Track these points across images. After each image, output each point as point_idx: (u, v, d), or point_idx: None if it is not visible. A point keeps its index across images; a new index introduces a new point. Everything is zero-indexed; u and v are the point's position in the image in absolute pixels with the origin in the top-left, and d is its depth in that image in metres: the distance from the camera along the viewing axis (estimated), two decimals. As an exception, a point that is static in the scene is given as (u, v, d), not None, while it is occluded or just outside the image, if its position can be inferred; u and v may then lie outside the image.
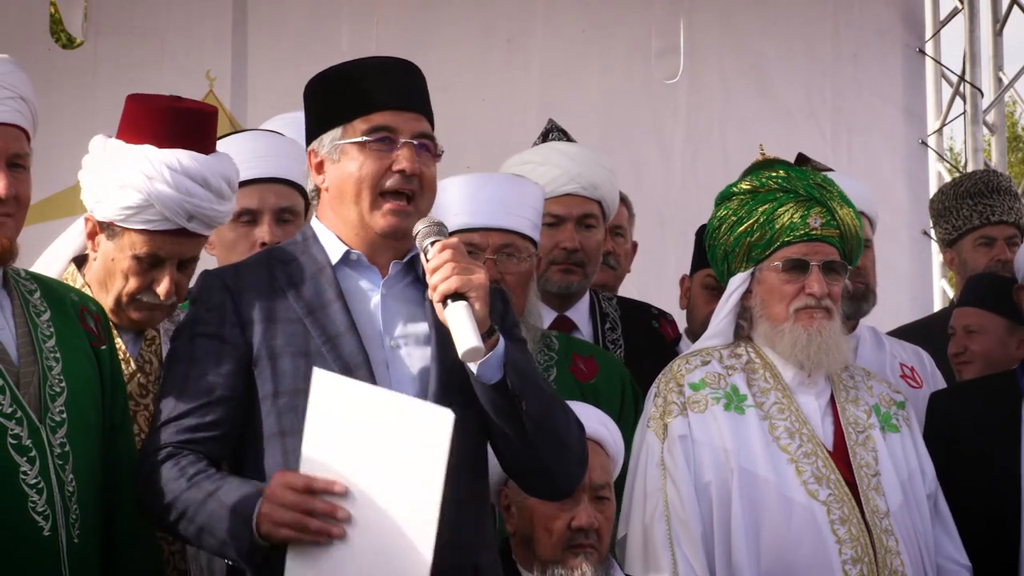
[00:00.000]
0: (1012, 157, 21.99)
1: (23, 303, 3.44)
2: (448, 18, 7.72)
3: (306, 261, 3.48)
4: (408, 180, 3.43)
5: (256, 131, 4.68)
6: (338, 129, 3.47)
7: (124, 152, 3.72)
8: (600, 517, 4.02)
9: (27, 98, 3.42)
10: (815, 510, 4.14)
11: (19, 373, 3.34)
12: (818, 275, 4.25)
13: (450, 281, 3.26)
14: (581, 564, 3.96)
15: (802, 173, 4.38)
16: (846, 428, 4.27)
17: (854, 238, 4.33)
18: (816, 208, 4.28)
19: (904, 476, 4.29)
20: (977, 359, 5.47)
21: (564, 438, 3.45)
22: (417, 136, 3.46)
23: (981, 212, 6.22)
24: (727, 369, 4.31)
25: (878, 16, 8.33)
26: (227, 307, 3.42)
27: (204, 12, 7.37)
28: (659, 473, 4.23)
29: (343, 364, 3.34)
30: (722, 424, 4.23)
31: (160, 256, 3.73)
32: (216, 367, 3.39)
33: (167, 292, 3.75)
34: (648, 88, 8.02)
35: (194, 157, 3.73)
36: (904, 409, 4.41)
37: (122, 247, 3.73)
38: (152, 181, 3.67)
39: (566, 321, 5.11)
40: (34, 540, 3.24)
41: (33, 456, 3.27)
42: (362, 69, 3.53)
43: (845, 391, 4.35)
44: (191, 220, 3.71)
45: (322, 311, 3.40)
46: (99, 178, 3.74)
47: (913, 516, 4.26)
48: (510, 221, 4.58)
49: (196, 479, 3.28)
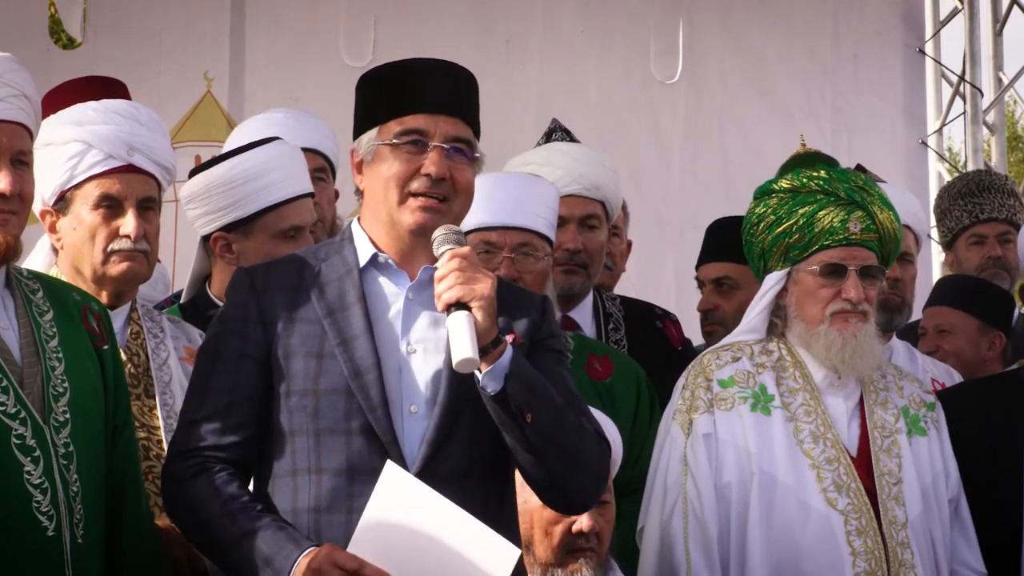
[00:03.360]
0: (1012, 157, 21.99)
1: (26, 303, 3.44)
2: (447, 19, 7.71)
3: (337, 262, 3.47)
4: (435, 184, 3.41)
5: (273, 143, 4.64)
6: (375, 130, 3.46)
7: (50, 121, 3.82)
8: (601, 520, 4.01)
9: (30, 96, 3.44)
10: (832, 519, 4.12)
11: (23, 373, 3.34)
12: (855, 280, 4.23)
13: (453, 290, 3.25)
14: (581, 568, 3.95)
15: (843, 174, 4.33)
16: (872, 432, 4.25)
17: (892, 240, 4.29)
18: (857, 212, 4.25)
19: (927, 481, 4.27)
20: (948, 358, 5.47)
21: (576, 453, 3.40)
22: (450, 140, 3.44)
23: (971, 211, 6.24)
24: (757, 367, 4.28)
25: (878, 16, 8.32)
26: (251, 305, 3.42)
27: (202, 12, 7.37)
28: (681, 468, 4.21)
29: (353, 367, 3.33)
30: (747, 425, 4.20)
31: (116, 197, 3.79)
32: (238, 365, 3.39)
33: (136, 229, 3.80)
34: (647, 88, 8.02)
35: (116, 100, 3.89)
36: (934, 411, 4.39)
37: (78, 210, 3.80)
38: (83, 126, 3.79)
39: (569, 322, 5.10)
40: (38, 540, 3.24)
41: (37, 456, 3.27)
42: (405, 70, 3.50)
43: (875, 392, 4.32)
44: (133, 153, 3.78)
45: (342, 313, 3.39)
46: (38, 161, 3.72)
47: (932, 524, 4.23)
48: (527, 220, 4.59)
49: (231, 507, 3.28)
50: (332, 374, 3.34)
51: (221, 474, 3.32)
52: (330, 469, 3.29)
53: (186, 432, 3.40)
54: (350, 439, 3.31)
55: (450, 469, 3.33)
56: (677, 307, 5.85)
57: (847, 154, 7.88)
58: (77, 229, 3.79)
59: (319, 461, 3.31)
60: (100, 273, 3.81)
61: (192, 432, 3.38)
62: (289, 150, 4.56)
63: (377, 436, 3.30)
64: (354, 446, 3.30)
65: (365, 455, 3.29)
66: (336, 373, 3.34)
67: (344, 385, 3.33)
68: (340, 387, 3.33)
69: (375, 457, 3.28)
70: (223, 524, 3.27)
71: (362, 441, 3.30)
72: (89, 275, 3.81)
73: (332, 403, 3.32)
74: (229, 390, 3.37)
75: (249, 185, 4.31)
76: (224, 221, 4.40)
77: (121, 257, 3.81)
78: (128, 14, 7.23)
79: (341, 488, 3.29)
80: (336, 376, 3.33)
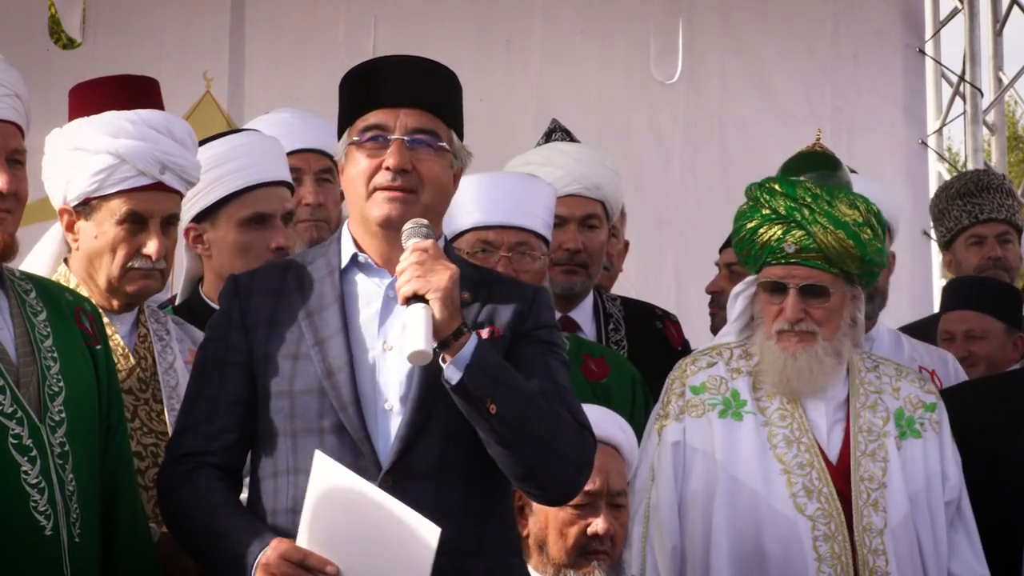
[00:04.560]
0: (1012, 157, 21.97)
1: (20, 303, 3.43)
2: (447, 19, 7.71)
3: (321, 264, 3.48)
4: (396, 176, 3.39)
5: (243, 132, 4.66)
6: (346, 132, 3.48)
7: (83, 124, 3.76)
8: (615, 524, 3.99)
9: (21, 95, 3.43)
10: (799, 524, 4.10)
11: (19, 372, 3.33)
12: (794, 299, 4.17)
13: (410, 283, 3.24)
14: (594, 570, 3.95)
15: (792, 188, 4.22)
16: (855, 437, 4.22)
17: (846, 257, 4.16)
18: (795, 232, 4.17)
19: (919, 485, 4.22)
20: (982, 362, 5.46)
21: (550, 442, 3.34)
22: (410, 132, 3.42)
23: (970, 211, 6.23)
24: (732, 372, 4.27)
25: (878, 16, 8.31)
26: (234, 311, 3.46)
27: (202, 13, 7.37)
28: (648, 475, 4.23)
29: (326, 367, 3.35)
30: (716, 431, 4.20)
31: (142, 214, 3.75)
32: (222, 371, 3.43)
33: (157, 250, 3.77)
34: (647, 88, 8.01)
35: (153, 112, 3.80)
36: (934, 411, 4.32)
37: (102, 220, 3.75)
38: (118, 138, 3.72)
39: (569, 322, 5.10)
40: (36, 540, 3.24)
41: (34, 456, 3.27)
42: (371, 69, 3.52)
43: (864, 395, 4.29)
44: (164, 172, 3.74)
45: (319, 314, 3.41)
46: (65, 160, 3.75)
47: (921, 529, 4.19)
48: (524, 219, 4.59)
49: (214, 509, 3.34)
50: (306, 375, 3.35)
51: (206, 479, 3.37)
52: (305, 469, 3.28)
53: (176, 439, 3.47)
54: (323, 438, 3.32)
55: (425, 467, 3.32)
56: (677, 307, 5.85)
57: (847, 154, 7.86)
58: (99, 238, 3.75)
59: (296, 462, 3.34)
60: (115, 286, 3.79)
61: (181, 439, 3.44)
62: (259, 139, 4.52)
63: (349, 434, 3.31)
64: (327, 445, 3.30)
65: (337, 453, 3.27)
66: (311, 374, 3.35)
67: (318, 385, 3.34)
68: (314, 387, 3.34)
69: (347, 455, 3.28)
70: (206, 525, 3.33)
71: (334, 439, 3.31)
72: (103, 284, 3.79)
73: (306, 403, 3.34)
74: (214, 396, 3.42)
75: (211, 173, 4.25)
76: (193, 211, 4.37)
77: (139, 275, 3.79)
78: (128, 14, 7.23)
79: None
80: (310, 376, 3.35)
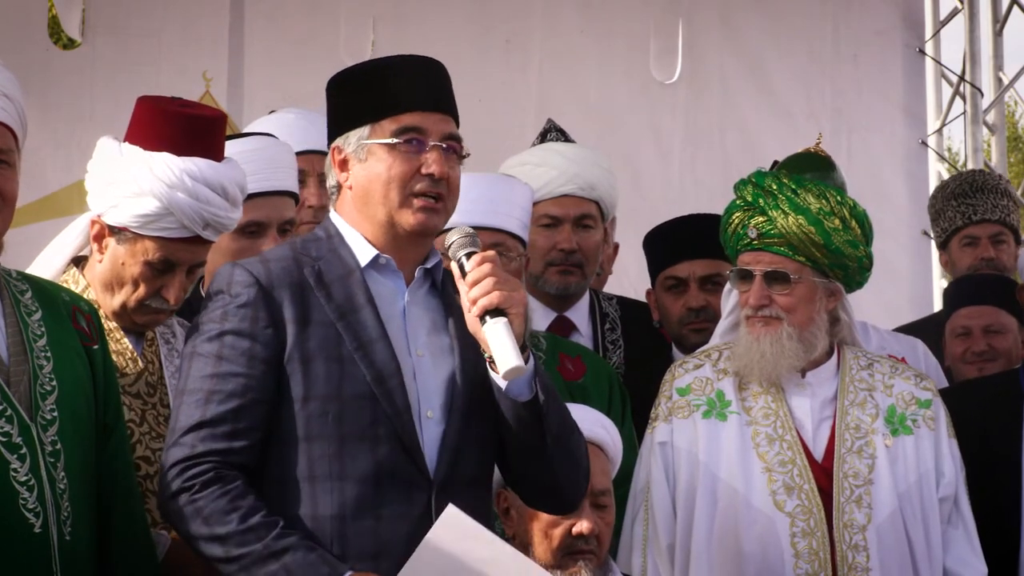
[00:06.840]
0: (1012, 157, 21.98)
1: (14, 303, 3.43)
2: (447, 19, 7.70)
3: (334, 261, 3.40)
4: (436, 184, 3.38)
5: (256, 136, 4.64)
6: (366, 128, 3.40)
7: (142, 159, 3.71)
8: (600, 523, 4.01)
9: (11, 95, 3.40)
10: (777, 521, 4.11)
11: (9, 371, 3.33)
12: (758, 284, 4.21)
13: (492, 296, 3.23)
14: (580, 570, 3.95)
15: (761, 178, 4.27)
16: (841, 434, 4.22)
17: (813, 246, 4.17)
18: (756, 218, 4.22)
19: (910, 482, 4.22)
20: (1000, 357, 5.47)
21: (576, 453, 3.42)
22: (445, 138, 3.41)
23: (964, 212, 6.24)
24: (718, 373, 4.29)
25: (878, 16, 8.31)
26: (258, 304, 3.32)
27: (201, 13, 7.36)
28: (645, 476, 4.26)
29: (376, 372, 3.29)
30: (700, 432, 4.22)
31: (172, 262, 3.74)
32: (248, 367, 3.29)
33: (177, 298, 3.77)
34: (647, 89, 8.00)
35: (211, 165, 3.73)
36: (930, 408, 4.31)
37: (134, 252, 3.73)
38: (173, 190, 3.67)
39: (566, 322, 5.11)
40: (25, 536, 3.24)
41: (24, 453, 3.27)
42: (390, 67, 3.46)
43: (854, 392, 4.29)
44: (206, 228, 3.72)
45: (353, 315, 3.33)
46: (113, 183, 3.73)
47: (911, 525, 4.19)
48: (500, 220, 4.59)
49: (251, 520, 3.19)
50: (355, 379, 3.28)
51: (236, 483, 3.23)
52: (354, 476, 3.24)
53: (188, 439, 3.26)
54: (376, 445, 3.27)
55: (469, 476, 3.34)
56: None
57: (847, 154, 7.88)
58: (125, 267, 3.73)
59: (342, 467, 3.26)
60: (127, 312, 3.78)
61: (197, 438, 3.25)
62: (266, 146, 4.49)
63: (402, 442, 3.28)
64: (380, 452, 3.26)
65: (391, 461, 3.25)
66: (359, 378, 3.28)
67: (368, 390, 3.28)
68: (364, 392, 3.28)
69: (400, 463, 3.26)
70: (246, 539, 3.18)
71: (388, 447, 3.27)
72: (115, 305, 3.78)
73: (357, 409, 3.27)
74: (239, 393, 3.27)
75: None
76: None
77: (152, 311, 3.79)
78: (127, 14, 7.22)
79: (367, 495, 3.26)
80: (359, 381, 3.28)
